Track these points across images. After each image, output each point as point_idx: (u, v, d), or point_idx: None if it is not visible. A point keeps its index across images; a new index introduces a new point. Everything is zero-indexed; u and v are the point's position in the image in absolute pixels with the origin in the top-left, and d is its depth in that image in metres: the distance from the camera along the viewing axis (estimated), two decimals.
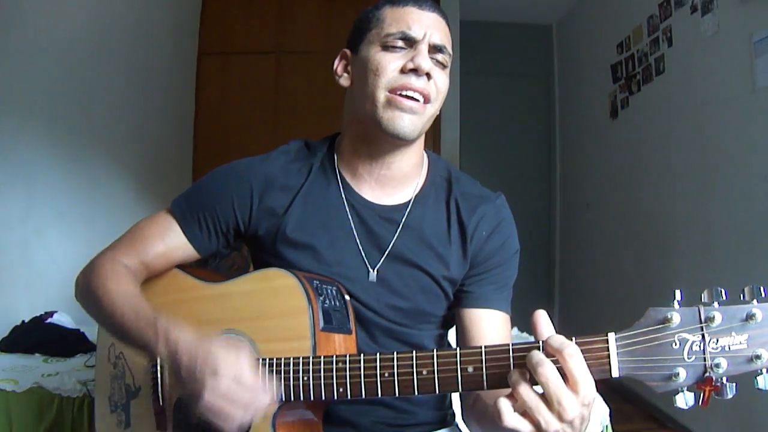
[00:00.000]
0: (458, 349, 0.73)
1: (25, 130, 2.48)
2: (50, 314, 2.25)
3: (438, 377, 0.73)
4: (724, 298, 0.61)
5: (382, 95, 0.88)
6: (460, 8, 3.78)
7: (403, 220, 0.96)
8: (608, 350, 0.64)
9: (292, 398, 0.81)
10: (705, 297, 0.62)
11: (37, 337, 2.08)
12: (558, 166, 4.72)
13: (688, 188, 2.82)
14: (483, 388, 0.71)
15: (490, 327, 0.97)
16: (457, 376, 0.72)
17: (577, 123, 4.40)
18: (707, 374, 0.61)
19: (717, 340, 0.60)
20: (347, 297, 0.93)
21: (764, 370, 0.60)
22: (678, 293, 0.62)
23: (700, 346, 0.61)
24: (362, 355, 0.78)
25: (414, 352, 0.75)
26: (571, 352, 0.63)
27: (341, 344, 0.87)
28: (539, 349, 0.66)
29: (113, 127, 2.92)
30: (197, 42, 3.21)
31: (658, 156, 3.12)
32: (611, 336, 0.64)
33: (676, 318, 0.62)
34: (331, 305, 0.88)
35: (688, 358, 0.61)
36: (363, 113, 0.91)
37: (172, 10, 3.29)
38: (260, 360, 0.83)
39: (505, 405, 0.65)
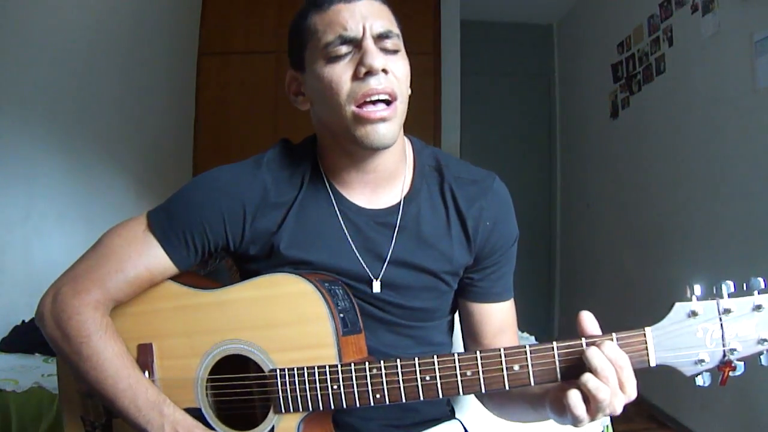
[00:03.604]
0: (502, 349, 0.75)
1: (25, 130, 2.48)
2: None
3: (483, 377, 0.75)
4: (733, 290, 0.71)
5: (347, 112, 0.83)
6: (460, 8, 3.78)
7: (398, 222, 0.92)
8: (646, 343, 0.72)
9: (321, 407, 0.80)
10: (716, 290, 0.72)
11: (37, 337, 2.07)
12: (558, 166, 4.72)
13: (688, 188, 2.82)
14: (529, 385, 0.74)
15: (501, 318, 0.99)
16: (503, 375, 0.74)
17: (577, 123, 4.40)
18: (726, 358, 0.71)
19: (732, 327, 0.70)
20: (352, 295, 0.90)
21: None
22: (698, 288, 0.72)
23: (719, 334, 0.71)
24: (399, 360, 0.78)
25: (456, 354, 0.76)
26: (623, 364, 0.71)
27: (356, 345, 0.85)
28: (582, 346, 0.73)
29: (113, 127, 2.92)
30: (197, 42, 3.20)
31: (658, 156, 3.12)
32: (648, 330, 0.72)
33: (700, 311, 0.71)
34: (343, 307, 0.85)
35: (710, 345, 0.71)
36: (336, 131, 0.87)
37: (171, 10, 3.29)
38: (278, 371, 0.82)
39: (575, 396, 0.71)
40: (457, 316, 1.05)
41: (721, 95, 2.53)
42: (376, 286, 0.92)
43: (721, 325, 0.70)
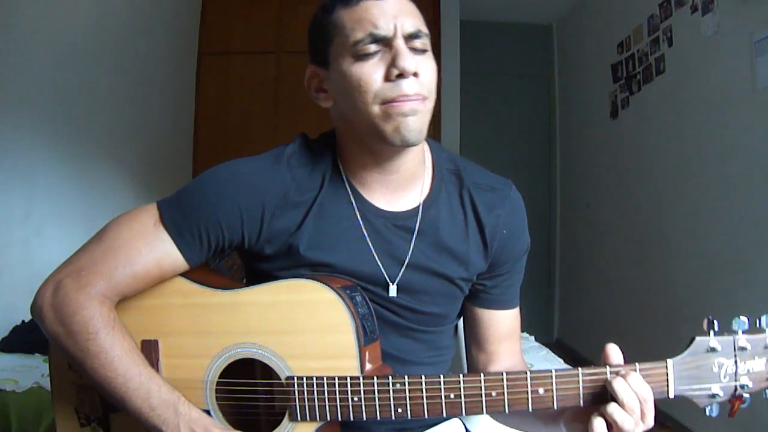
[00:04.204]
0: (528, 372, 0.76)
1: (25, 130, 2.48)
2: None
3: (508, 399, 0.76)
4: (747, 326, 0.75)
5: (376, 110, 0.81)
6: (460, 8, 3.78)
7: (417, 226, 0.91)
8: (667, 375, 0.75)
9: (340, 418, 0.80)
10: (734, 325, 0.75)
11: (37, 337, 2.07)
12: (558, 166, 4.72)
13: (688, 188, 2.82)
14: (552, 408, 0.76)
15: (508, 325, 1.00)
16: (528, 397, 0.76)
17: (577, 123, 4.40)
18: (737, 392, 0.75)
19: (745, 363, 0.74)
20: (369, 301, 0.89)
21: None
22: (716, 324, 0.74)
23: (733, 370, 0.74)
24: (423, 377, 0.78)
25: (482, 374, 0.77)
26: (647, 397, 0.73)
27: (373, 352, 0.84)
28: (606, 374, 0.75)
29: (113, 127, 2.92)
30: (197, 42, 3.20)
31: (658, 156, 3.12)
32: (670, 362, 0.75)
33: (718, 347, 0.74)
34: (363, 314, 0.83)
35: (724, 379, 0.75)
36: (362, 130, 0.85)
37: (172, 10, 3.29)
38: (295, 378, 0.81)
39: (600, 424, 0.74)
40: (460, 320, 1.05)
41: (720, 95, 2.53)
42: (393, 290, 0.90)
43: (736, 361, 0.74)
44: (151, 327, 0.88)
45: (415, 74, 0.81)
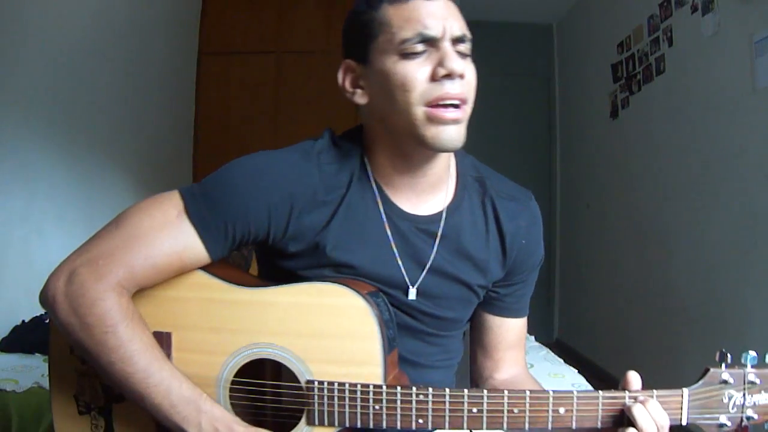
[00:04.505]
0: (551, 391, 0.78)
1: (25, 130, 2.48)
2: None
3: (529, 416, 0.78)
4: (756, 361, 0.79)
5: (419, 112, 0.80)
6: (460, 8, 3.78)
7: (440, 230, 0.90)
8: (682, 403, 0.78)
9: (359, 425, 0.80)
10: (744, 359, 0.79)
11: (37, 337, 2.08)
12: (558, 166, 4.72)
13: (688, 188, 2.82)
14: (570, 428, 0.78)
15: (516, 333, 1.02)
16: (548, 416, 0.78)
17: (577, 123, 4.40)
18: (743, 423, 0.79)
19: (752, 396, 0.79)
20: (390, 307, 0.88)
21: None
22: (729, 357, 0.78)
23: (741, 402, 0.78)
24: (447, 390, 0.78)
25: (506, 391, 0.78)
26: (664, 424, 0.76)
27: (392, 359, 0.84)
28: (625, 399, 0.78)
29: (114, 127, 2.92)
30: (197, 42, 3.21)
31: (658, 156, 3.12)
32: (686, 391, 0.78)
33: (730, 380, 0.78)
34: (386, 320, 0.83)
35: (732, 410, 0.78)
36: (398, 131, 0.83)
37: (172, 11, 3.29)
38: (315, 383, 0.80)
39: None
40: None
41: (720, 95, 2.53)
42: (412, 294, 0.90)
43: (744, 394, 0.78)
44: (164, 318, 0.85)
45: (461, 76, 0.81)
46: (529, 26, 4.73)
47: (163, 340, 0.84)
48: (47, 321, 2.21)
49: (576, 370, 2.04)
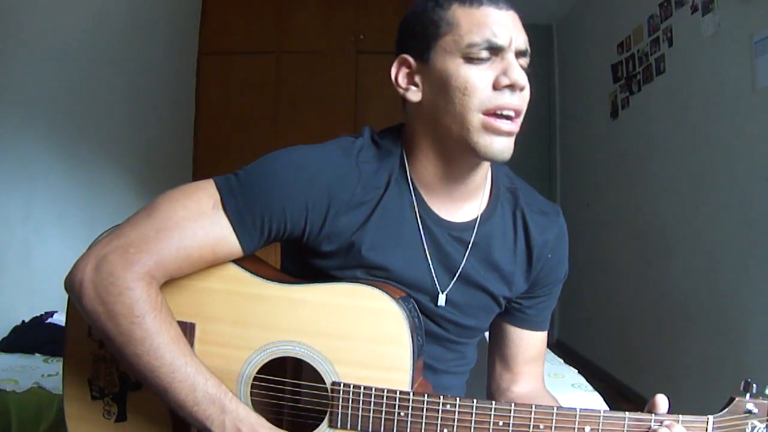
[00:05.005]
0: (578, 409, 0.78)
1: (25, 130, 2.48)
2: (50, 314, 2.26)
3: None
4: None
5: (475, 118, 0.80)
6: None
7: (472, 239, 0.90)
8: (706, 430, 0.80)
9: (382, 430, 0.79)
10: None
11: (37, 337, 2.08)
12: (558, 166, 4.72)
13: (688, 188, 2.82)
14: None
15: (537, 347, 1.02)
16: None
17: (577, 123, 4.40)
18: None
19: None
20: (420, 314, 0.88)
21: None
22: (754, 386, 0.80)
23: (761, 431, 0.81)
24: (475, 401, 0.78)
25: (533, 406, 0.78)
26: None
27: (419, 365, 0.83)
28: (650, 422, 0.79)
29: (114, 127, 2.92)
30: (197, 42, 3.20)
31: (658, 156, 3.12)
32: (710, 419, 0.80)
33: (755, 410, 0.80)
34: (416, 326, 0.82)
35: None
36: (448, 135, 0.82)
37: (172, 11, 3.29)
38: (342, 385, 0.79)
39: None
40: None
41: (720, 95, 2.53)
42: (441, 300, 0.89)
43: (767, 425, 0.80)
44: (189, 308, 0.83)
45: (522, 89, 0.83)
46: (529, 26, 4.63)
47: (186, 330, 0.82)
48: (47, 321, 2.21)
49: (576, 371, 2.04)
